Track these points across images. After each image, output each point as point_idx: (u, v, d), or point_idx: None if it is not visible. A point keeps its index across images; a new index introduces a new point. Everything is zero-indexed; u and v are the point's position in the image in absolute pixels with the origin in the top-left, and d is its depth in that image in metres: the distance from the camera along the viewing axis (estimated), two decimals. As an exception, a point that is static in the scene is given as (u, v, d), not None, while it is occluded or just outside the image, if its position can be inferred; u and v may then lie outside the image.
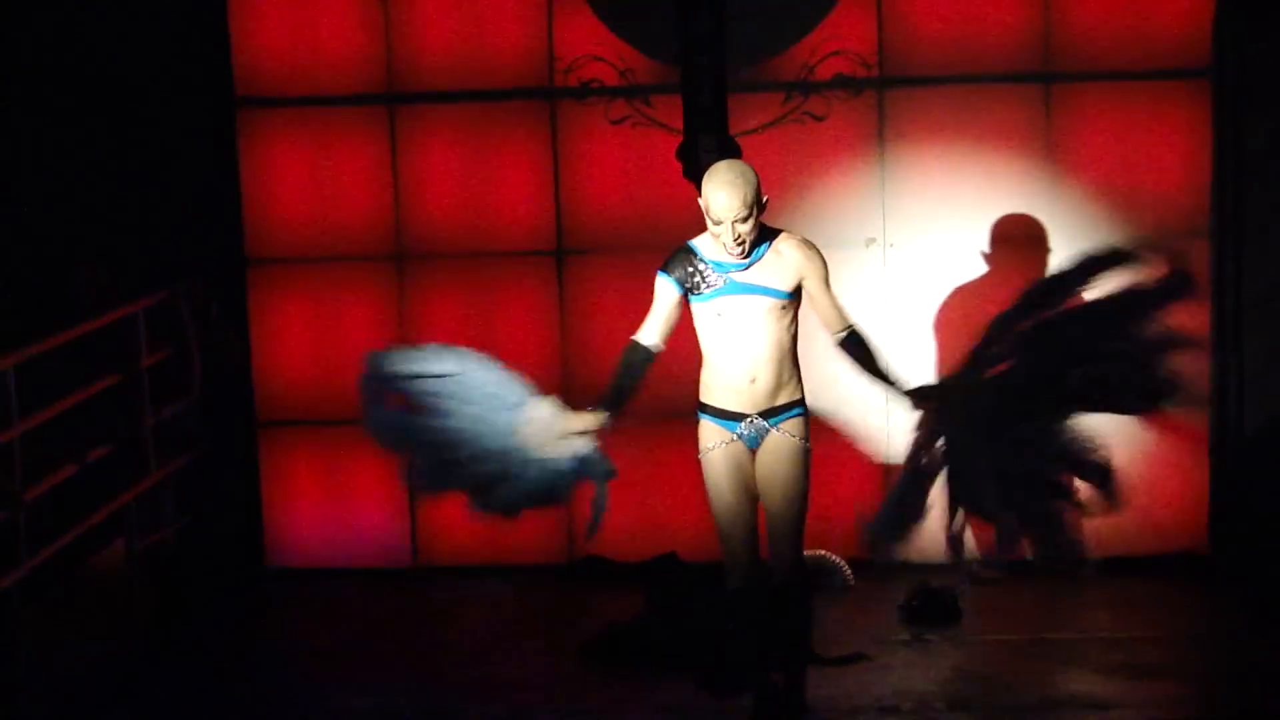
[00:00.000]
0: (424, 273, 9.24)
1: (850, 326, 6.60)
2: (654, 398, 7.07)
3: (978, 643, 8.08)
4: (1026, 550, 6.70)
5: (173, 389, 8.46)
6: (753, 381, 6.54)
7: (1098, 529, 9.00)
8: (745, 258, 6.44)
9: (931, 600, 8.36)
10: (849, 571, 8.92)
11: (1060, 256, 8.97)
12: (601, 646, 7.98)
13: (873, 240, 9.03)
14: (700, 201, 6.44)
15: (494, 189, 9.18)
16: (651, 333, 6.60)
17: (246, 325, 9.27)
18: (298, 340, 9.32)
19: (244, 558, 9.38)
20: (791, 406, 6.61)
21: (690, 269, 6.52)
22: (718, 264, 6.48)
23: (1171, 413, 8.95)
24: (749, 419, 6.58)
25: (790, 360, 6.60)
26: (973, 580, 8.84)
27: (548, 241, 9.17)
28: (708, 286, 6.50)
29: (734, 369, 6.56)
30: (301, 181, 9.25)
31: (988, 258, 9.02)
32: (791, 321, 6.57)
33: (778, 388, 6.57)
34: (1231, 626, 8.26)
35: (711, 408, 6.63)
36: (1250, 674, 7.59)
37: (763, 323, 6.50)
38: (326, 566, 9.33)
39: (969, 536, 6.75)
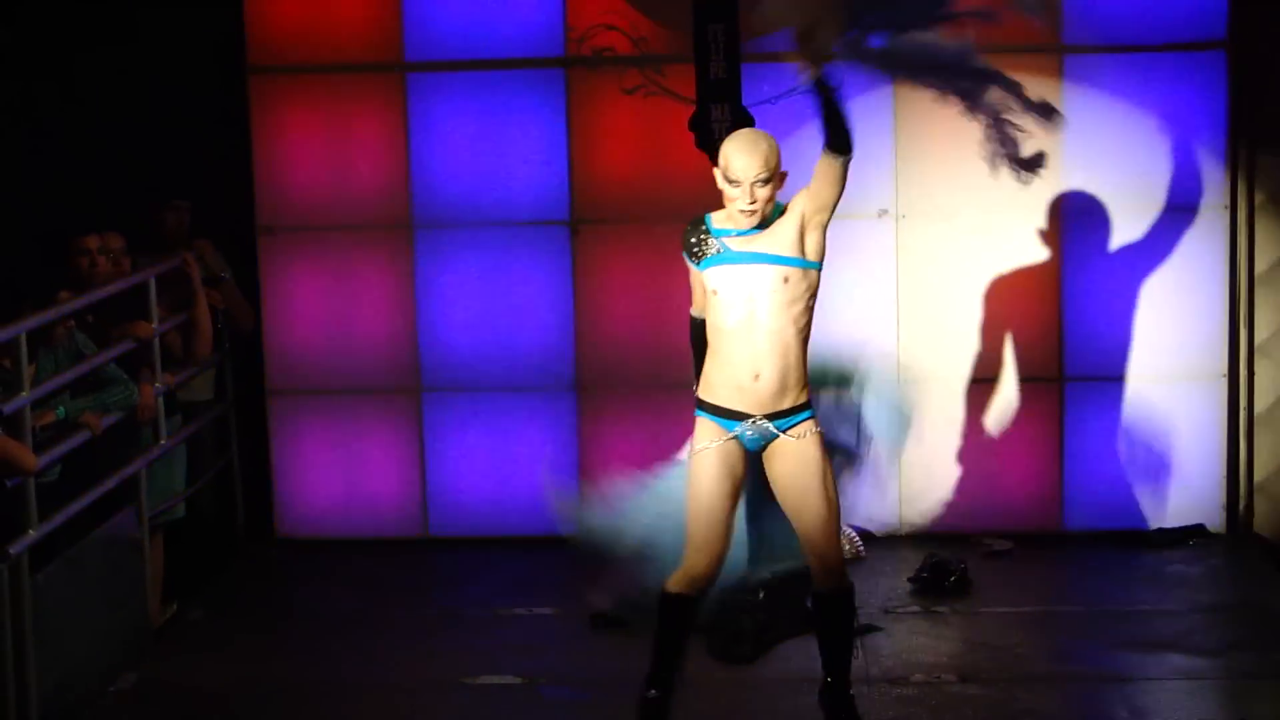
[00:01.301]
0: (435, 241, 9.23)
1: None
2: (669, 371, 7.04)
3: (987, 614, 8.08)
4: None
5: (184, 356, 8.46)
6: (756, 378, 6.14)
7: (1113, 503, 9.09)
8: (756, 223, 6.11)
9: (941, 571, 8.36)
10: (859, 543, 8.91)
11: (1072, 225, 8.99)
12: (611, 617, 7.98)
13: (884, 211, 9.00)
14: (717, 168, 6.16)
15: (506, 158, 9.16)
16: (698, 302, 6.36)
17: (258, 293, 9.27)
18: (310, 308, 9.31)
19: (254, 527, 9.40)
20: (799, 410, 6.21)
21: (695, 238, 6.23)
22: (719, 231, 6.20)
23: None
24: (753, 420, 6.19)
25: (799, 359, 6.19)
26: (983, 553, 8.85)
27: (560, 211, 9.16)
28: (706, 253, 6.20)
29: (736, 361, 6.16)
30: (314, 149, 9.24)
31: (999, 229, 8.99)
32: (803, 301, 6.16)
33: (783, 389, 6.18)
34: (1244, 599, 8.24)
35: (710, 405, 6.26)
36: (1262, 647, 7.58)
37: (766, 303, 6.13)
38: (337, 536, 9.34)
39: None
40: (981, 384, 9.07)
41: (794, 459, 6.21)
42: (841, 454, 6.50)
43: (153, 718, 7.20)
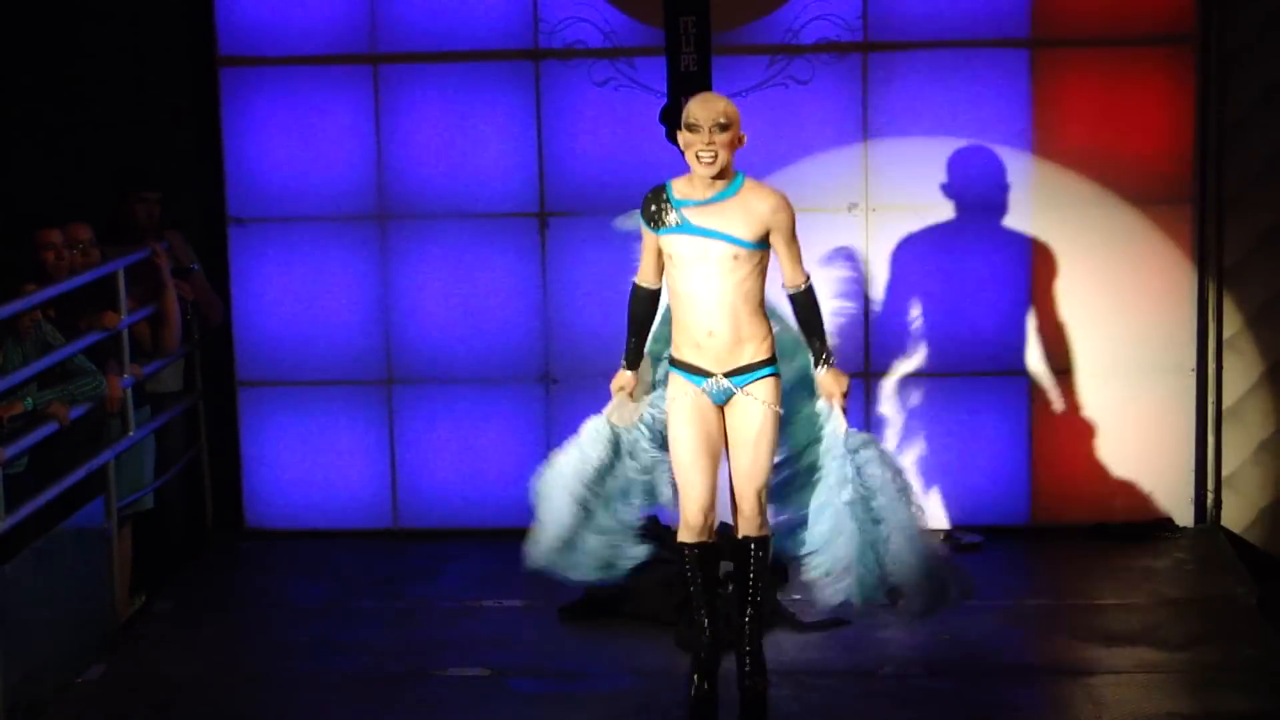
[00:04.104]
0: (406, 234, 9.22)
1: (806, 285, 6.64)
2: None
3: (957, 609, 8.08)
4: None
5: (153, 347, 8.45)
6: (710, 335, 6.54)
7: (1081, 497, 9.11)
8: (713, 171, 6.43)
9: (910, 565, 8.36)
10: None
11: (1041, 219, 9.01)
12: (580, 609, 7.99)
13: (855, 205, 9.01)
14: (682, 122, 6.51)
15: (477, 150, 9.15)
16: (645, 271, 6.72)
17: (228, 284, 9.25)
18: (279, 300, 9.29)
19: (223, 518, 9.38)
20: (758, 367, 6.60)
21: (655, 205, 6.58)
22: (680, 201, 6.54)
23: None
24: (714, 377, 6.59)
25: (752, 315, 6.57)
26: (953, 547, 8.86)
27: (530, 203, 9.15)
28: (665, 223, 6.54)
29: (691, 320, 6.57)
30: (284, 141, 9.22)
31: (969, 224, 9.00)
32: (751, 274, 6.53)
33: (738, 344, 6.55)
34: (1211, 593, 8.26)
35: (679, 362, 6.65)
36: (1229, 640, 7.60)
37: (716, 270, 6.49)
38: (306, 528, 9.33)
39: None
40: (950, 378, 9.09)
41: (743, 416, 6.61)
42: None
43: (120, 709, 7.19)
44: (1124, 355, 9.04)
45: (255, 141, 9.22)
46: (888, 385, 9.11)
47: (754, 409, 6.58)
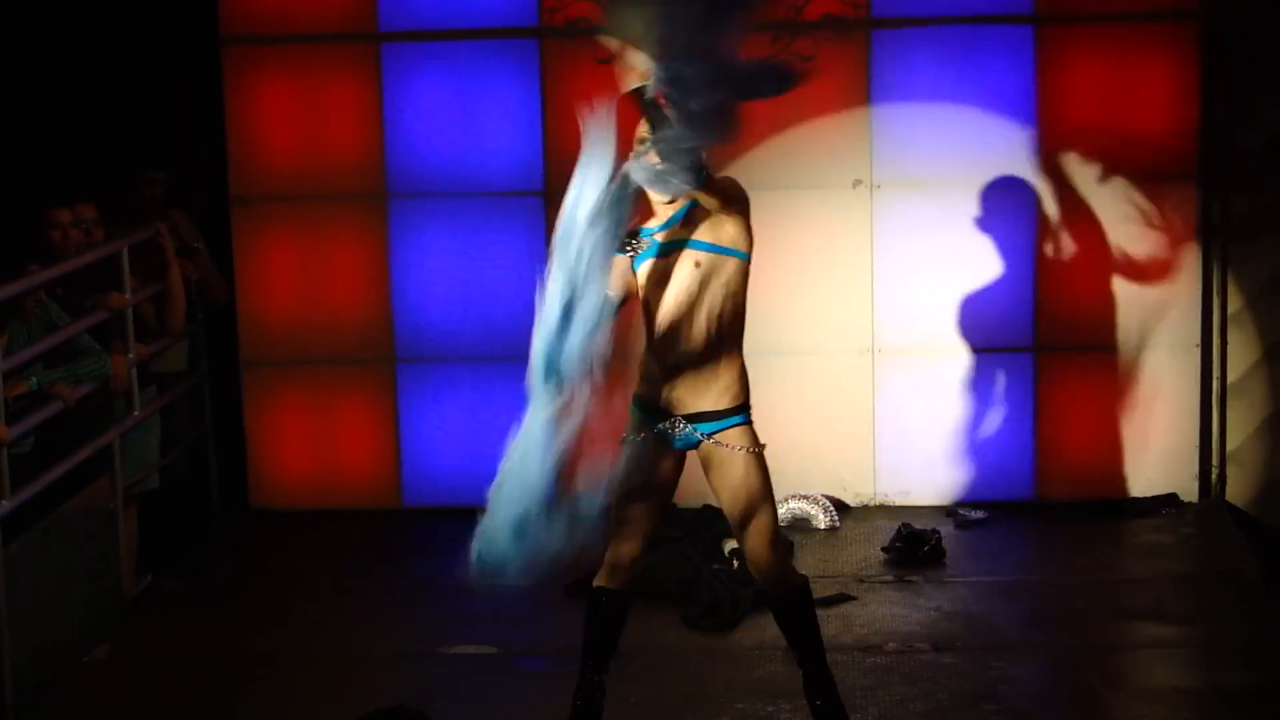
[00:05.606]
0: (410, 212, 9.22)
1: None
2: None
3: (961, 583, 8.10)
4: None
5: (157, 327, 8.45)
6: (673, 367, 5.89)
7: (1087, 473, 9.12)
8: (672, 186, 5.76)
9: (915, 541, 8.38)
10: (834, 512, 8.93)
11: (1046, 195, 9.00)
12: (587, 587, 7.97)
13: (859, 182, 9.00)
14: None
15: (480, 128, 9.14)
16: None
17: (232, 264, 9.25)
18: (284, 279, 9.29)
19: (229, 498, 9.39)
20: (729, 414, 5.92)
21: (629, 239, 5.90)
22: (646, 230, 5.96)
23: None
24: (674, 420, 5.94)
25: (726, 350, 5.90)
26: (957, 523, 8.87)
27: (534, 181, 9.15)
28: (636, 251, 5.94)
29: (658, 348, 5.94)
30: (288, 120, 9.21)
31: (974, 200, 8.99)
32: (726, 297, 5.87)
33: (704, 382, 5.89)
34: (1216, 568, 8.26)
35: (638, 396, 6.05)
36: (1234, 615, 7.61)
37: (685, 285, 5.85)
38: (311, 506, 9.33)
39: None
40: (957, 355, 9.08)
41: (724, 468, 5.95)
42: None
43: (127, 688, 7.20)
44: (1129, 331, 9.03)
45: (259, 120, 9.21)
46: (894, 362, 9.10)
47: (731, 458, 5.92)
